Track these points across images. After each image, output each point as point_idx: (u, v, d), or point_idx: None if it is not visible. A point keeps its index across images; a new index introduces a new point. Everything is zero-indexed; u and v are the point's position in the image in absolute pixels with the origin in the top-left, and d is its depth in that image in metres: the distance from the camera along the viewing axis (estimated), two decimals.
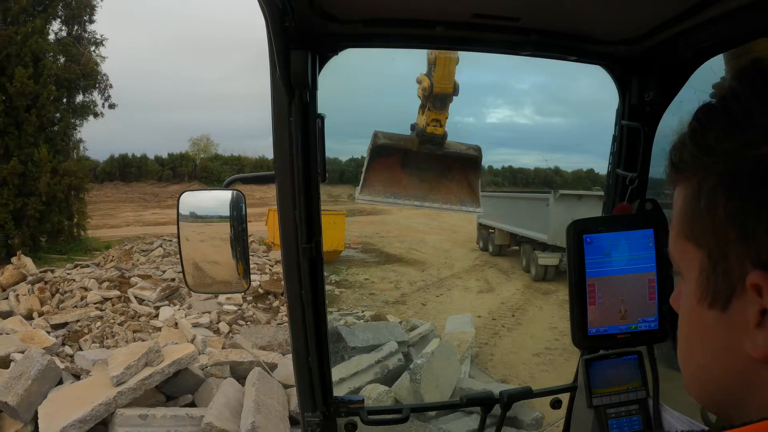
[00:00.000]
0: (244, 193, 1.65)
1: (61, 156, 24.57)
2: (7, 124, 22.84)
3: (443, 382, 7.08)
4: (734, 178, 0.59)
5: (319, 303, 1.64)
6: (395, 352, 7.80)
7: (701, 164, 0.63)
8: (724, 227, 0.59)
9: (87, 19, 26.75)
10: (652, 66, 1.73)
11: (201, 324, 9.68)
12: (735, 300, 0.60)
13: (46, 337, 8.41)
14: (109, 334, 9.05)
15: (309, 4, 1.33)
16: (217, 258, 1.67)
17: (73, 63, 25.48)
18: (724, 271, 0.61)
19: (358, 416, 1.81)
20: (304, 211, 1.51)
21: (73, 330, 9.18)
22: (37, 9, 24.70)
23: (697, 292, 0.65)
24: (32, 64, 23.43)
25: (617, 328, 1.71)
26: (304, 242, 1.53)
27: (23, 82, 22.63)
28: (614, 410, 1.79)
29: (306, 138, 1.45)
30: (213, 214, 1.68)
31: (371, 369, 7.36)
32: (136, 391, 5.90)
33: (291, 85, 1.37)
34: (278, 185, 1.52)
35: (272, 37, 1.28)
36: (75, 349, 8.44)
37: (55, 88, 24.36)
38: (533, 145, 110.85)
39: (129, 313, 9.87)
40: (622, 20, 1.54)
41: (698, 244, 0.64)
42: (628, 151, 1.86)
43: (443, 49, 2.97)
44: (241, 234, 1.63)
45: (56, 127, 25.26)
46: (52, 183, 23.26)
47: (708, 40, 1.50)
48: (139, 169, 53.38)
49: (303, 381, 1.75)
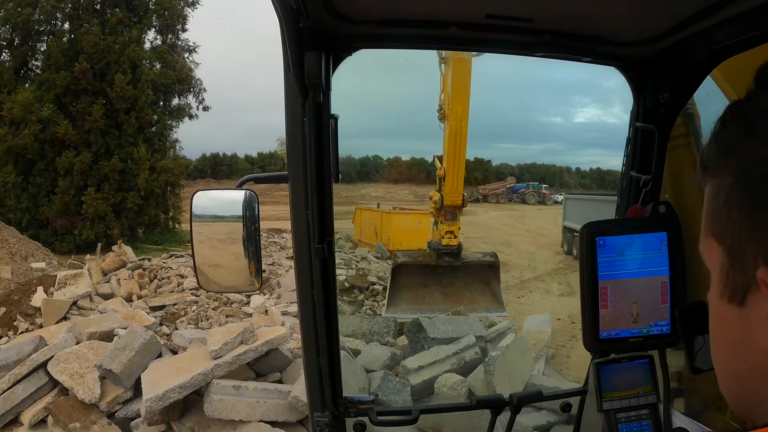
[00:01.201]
0: (257, 193, 1.63)
1: (159, 155, 25.82)
2: (108, 125, 24.21)
3: (515, 375, 7.10)
4: (748, 176, 0.60)
5: (330, 303, 1.62)
6: (473, 345, 7.84)
7: (723, 164, 0.65)
8: (740, 223, 0.61)
9: (180, 28, 27.88)
10: (666, 67, 1.68)
11: (289, 312, 9.92)
12: (751, 295, 0.61)
13: (145, 317, 8.94)
14: (204, 317, 9.40)
15: (323, 5, 1.32)
16: (230, 257, 1.66)
17: (169, 69, 26.69)
18: (741, 267, 0.62)
19: (368, 417, 1.80)
20: (317, 212, 1.49)
21: (170, 312, 9.62)
22: (133, 20, 25.90)
23: (718, 287, 0.66)
24: (130, 71, 24.65)
25: (629, 331, 1.69)
26: (316, 242, 1.52)
27: (123, 87, 23.90)
28: (624, 415, 1.75)
29: (319, 138, 1.44)
30: (226, 213, 1.67)
31: (448, 359, 7.43)
32: (231, 365, 6.24)
33: (305, 85, 1.35)
34: (291, 185, 1.50)
35: (286, 38, 1.26)
36: (172, 329, 8.87)
37: (152, 93, 25.54)
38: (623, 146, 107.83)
39: (222, 299, 10.20)
40: (636, 21, 1.50)
41: (719, 241, 0.65)
42: (642, 154, 1.82)
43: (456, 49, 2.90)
44: (254, 234, 1.62)
45: (154, 128, 26.57)
46: (150, 179, 24.45)
47: (723, 41, 1.45)
48: (229, 167, 55.62)
49: (313, 381, 1.74)
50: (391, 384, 6.77)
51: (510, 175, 56.55)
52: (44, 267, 13.44)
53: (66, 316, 9.32)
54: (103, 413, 6.28)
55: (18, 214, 23.20)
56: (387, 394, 6.61)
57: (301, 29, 1.28)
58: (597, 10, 1.44)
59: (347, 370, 6.61)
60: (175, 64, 26.93)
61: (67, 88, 24.10)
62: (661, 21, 1.46)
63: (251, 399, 6.03)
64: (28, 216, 23.60)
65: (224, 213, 1.67)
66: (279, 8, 1.15)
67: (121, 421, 6.31)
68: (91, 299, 10.08)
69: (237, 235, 1.62)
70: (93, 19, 24.94)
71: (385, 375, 6.91)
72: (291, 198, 1.52)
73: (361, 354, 7.65)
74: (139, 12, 26.28)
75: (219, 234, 1.69)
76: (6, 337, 8.94)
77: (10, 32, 25.89)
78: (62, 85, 23.94)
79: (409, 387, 6.84)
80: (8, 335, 9.01)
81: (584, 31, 1.55)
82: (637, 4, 1.39)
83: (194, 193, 1.67)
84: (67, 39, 25.08)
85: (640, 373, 1.77)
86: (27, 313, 9.54)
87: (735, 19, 1.34)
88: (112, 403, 6.35)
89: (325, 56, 1.39)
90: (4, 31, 25.92)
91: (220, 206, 1.69)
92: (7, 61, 25.98)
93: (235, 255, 1.62)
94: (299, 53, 1.30)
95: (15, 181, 23.36)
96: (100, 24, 24.88)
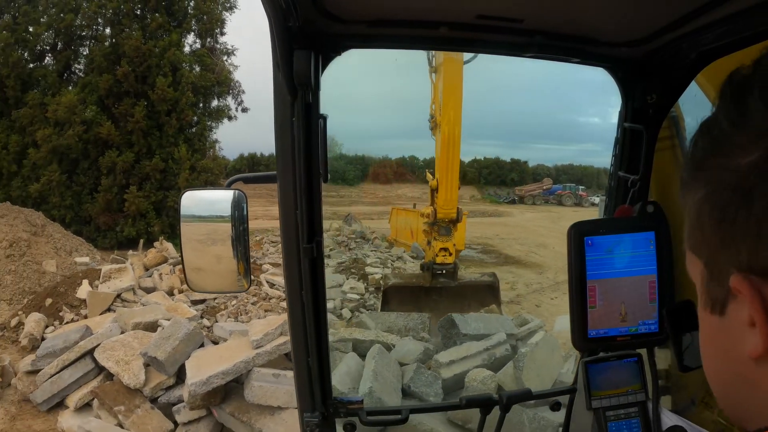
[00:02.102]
0: (245, 193, 1.63)
1: (198, 155, 26.10)
2: (150, 126, 24.65)
3: (544, 372, 7.15)
4: (716, 188, 0.61)
5: (319, 303, 1.61)
6: (503, 342, 7.88)
7: (695, 180, 0.66)
8: (711, 236, 0.62)
9: (218, 32, 28.15)
10: (655, 68, 1.68)
11: None
12: (729, 304, 0.62)
13: (187, 309, 9.18)
14: (243, 311, 9.55)
15: (312, 5, 1.31)
16: (219, 258, 1.64)
17: (208, 71, 27.13)
18: (717, 278, 0.63)
19: (357, 417, 1.80)
20: (306, 211, 1.48)
21: (211, 306, 9.79)
22: (173, 25, 26.24)
23: (702, 299, 0.68)
24: (171, 74, 25.00)
25: (617, 330, 1.70)
26: (305, 242, 1.50)
27: (163, 89, 24.28)
28: (613, 413, 1.76)
29: (308, 138, 1.43)
30: (215, 213, 1.66)
31: (479, 355, 7.50)
32: (271, 355, 6.48)
33: (294, 85, 1.34)
34: (280, 185, 1.49)
35: (275, 37, 1.25)
36: (212, 322, 9.03)
37: (192, 95, 25.78)
38: None
39: (261, 294, 10.35)
40: (626, 22, 1.50)
41: (698, 255, 0.67)
42: (630, 154, 1.82)
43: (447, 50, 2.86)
44: (243, 234, 1.61)
45: (194, 129, 26.89)
46: (191, 178, 24.64)
47: (712, 43, 1.45)
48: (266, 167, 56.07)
49: (302, 381, 1.73)
50: (423, 377, 6.83)
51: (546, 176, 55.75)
52: (88, 261, 13.81)
53: (110, 308, 9.59)
54: (146, 398, 6.50)
55: (62, 211, 23.79)
56: (419, 386, 6.69)
57: (290, 28, 1.28)
58: (587, 11, 1.45)
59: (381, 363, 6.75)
60: (214, 67, 27.33)
61: (110, 90, 24.61)
62: (650, 22, 1.46)
63: (289, 387, 6.16)
64: (71, 213, 24.20)
65: (213, 213, 1.67)
66: (268, 7, 1.15)
67: (163, 406, 6.55)
68: (134, 292, 10.34)
69: (226, 235, 1.61)
70: (134, 24, 25.40)
71: (418, 368, 6.97)
72: (280, 198, 1.50)
73: (395, 348, 7.75)
74: (178, 17, 26.66)
75: (208, 234, 1.68)
76: (52, 327, 9.24)
77: (53, 37, 26.54)
78: (105, 88, 24.46)
79: (441, 380, 6.90)
80: (54, 325, 9.31)
81: (574, 31, 1.54)
82: (627, 6, 1.39)
83: (182, 192, 1.67)
84: (109, 43, 25.61)
85: (628, 371, 1.78)
86: (72, 305, 9.83)
87: (724, 21, 1.35)
88: (155, 389, 6.58)
89: (314, 55, 1.38)
90: (48, 36, 26.58)
91: (209, 206, 1.68)
92: (51, 65, 26.65)
93: (224, 255, 1.62)
94: (288, 52, 1.30)
95: (59, 180, 23.96)
96: (140, 29, 25.31)
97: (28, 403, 7.12)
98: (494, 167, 59.19)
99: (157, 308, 8.77)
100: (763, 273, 0.57)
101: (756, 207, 0.56)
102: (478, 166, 58.52)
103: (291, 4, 1.21)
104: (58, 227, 16.64)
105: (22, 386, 7.18)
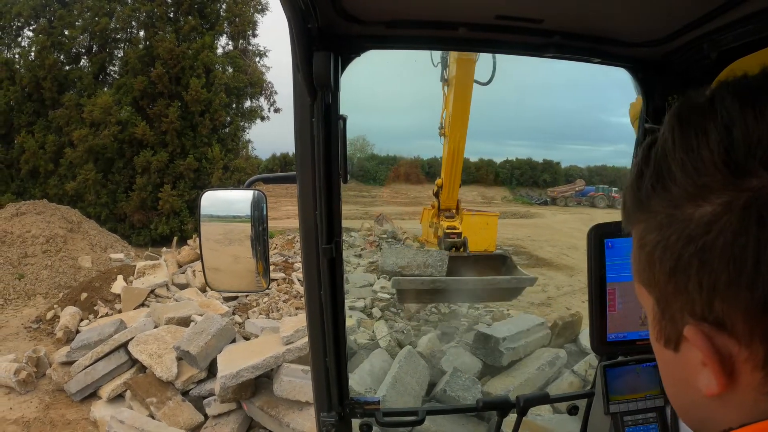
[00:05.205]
0: (265, 193, 1.62)
1: (231, 154, 26.65)
2: (184, 126, 25.15)
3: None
4: (669, 237, 0.59)
5: (337, 304, 1.61)
6: (560, 357, 7.85)
7: (642, 217, 0.63)
8: (665, 281, 0.61)
9: (250, 34, 28.67)
10: (675, 68, 1.65)
11: (356, 307, 10.07)
12: (682, 344, 0.62)
13: (219, 306, 9.26)
14: (275, 308, 9.56)
15: (332, 6, 1.30)
16: (238, 257, 1.64)
17: (241, 73, 27.50)
18: (670, 318, 0.62)
19: (374, 417, 1.81)
20: (325, 212, 1.47)
21: (242, 303, 9.84)
22: (205, 27, 26.74)
23: (654, 331, 0.67)
24: (204, 75, 25.54)
25: (637, 334, 1.68)
26: (324, 243, 1.50)
27: (197, 90, 24.76)
28: (631, 418, 1.75)
29: (328, 139, 1.42)
30: (234, 213, 1.65)
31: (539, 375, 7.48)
32: (301, 351, 6.47)
33: (314, 86, 1.33)
34: (299, 185, 1.48)
35: (295, 39, 1.24)
36: (244, 318, 9.06)
37: (225, 96, 26.34)
38: None
39: (292, 292, 10.37)
40: (645, 22, 1.46)
41: (649, 291, 0.66)
42: None
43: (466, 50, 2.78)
44: (262, 234, 1.61)
45: (227, 129, 27.43)
46: (224, 178, 25.08)
47: (733, 42, 1.41)
48: None
49: (319, 381, 1.73)
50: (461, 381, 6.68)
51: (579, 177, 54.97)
52: (122, 258, 14.03)
53: (144, 303, 9.72)
54: (178, 391, 6.55)
55: (97, 209, 24.38)
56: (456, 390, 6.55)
57: (310, 30, 1.27)
58: (607, 10, 1.42)
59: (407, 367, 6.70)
60: (246, 68, 27.66)
61: (144, 91, 25.16)
62: (670, 22, 1.43)
63: None
64: (106, 211, 24.79)
65: (233, 213, 1.66)
66: (288, 8, 1.15)
67: (194, 399, 6.61)
68: (167, 288, 10.47)
69: (245, 235, 1.61)
70: (167, 27, 25.96)
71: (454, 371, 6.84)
72: (299, 198, 1.50)
73: (446, 356, 7.59)
74: (211, 19, 27.13)
75: (228, 234, 1.68)
76: (87, 320, 9.41)
77: (88, 40, 27.34)
78: (139, 89, 25.02)
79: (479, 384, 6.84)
80: (89, 318, 9.49)
81: (594, 31, 1.52)
82: (647, 5, 1.36)
83: (202, 192, 1.67)
84: (143, 46, 26.21)
85: (647, 376, 1.75)
86: (107, 299, 9.98)
87: (744, 20, 1.32)
88: (187, 382, 6.63)
89: (333, 57, 1.36)
90: (83, 39, 27.34)
91: (228, 206, 1.68)
92: (86, 67, 27.38)
93: (244, 255, 1.61)
94: (308, 53, 1.29)
95: (95, 178, 24.55)
96: (174, 31, 25.88)
97: (62, 393, 7.24)
98: (526, 168, 58.51)
99: (190, 304, 8.86)
100: (716, 324, 0.57)
101: (713, 263, 0.54)
102: (510, 167, 57.97)
103: (310, 6, 1.21)
104: (94, 224, 16.97)
105: (57, 377, 7.31)
